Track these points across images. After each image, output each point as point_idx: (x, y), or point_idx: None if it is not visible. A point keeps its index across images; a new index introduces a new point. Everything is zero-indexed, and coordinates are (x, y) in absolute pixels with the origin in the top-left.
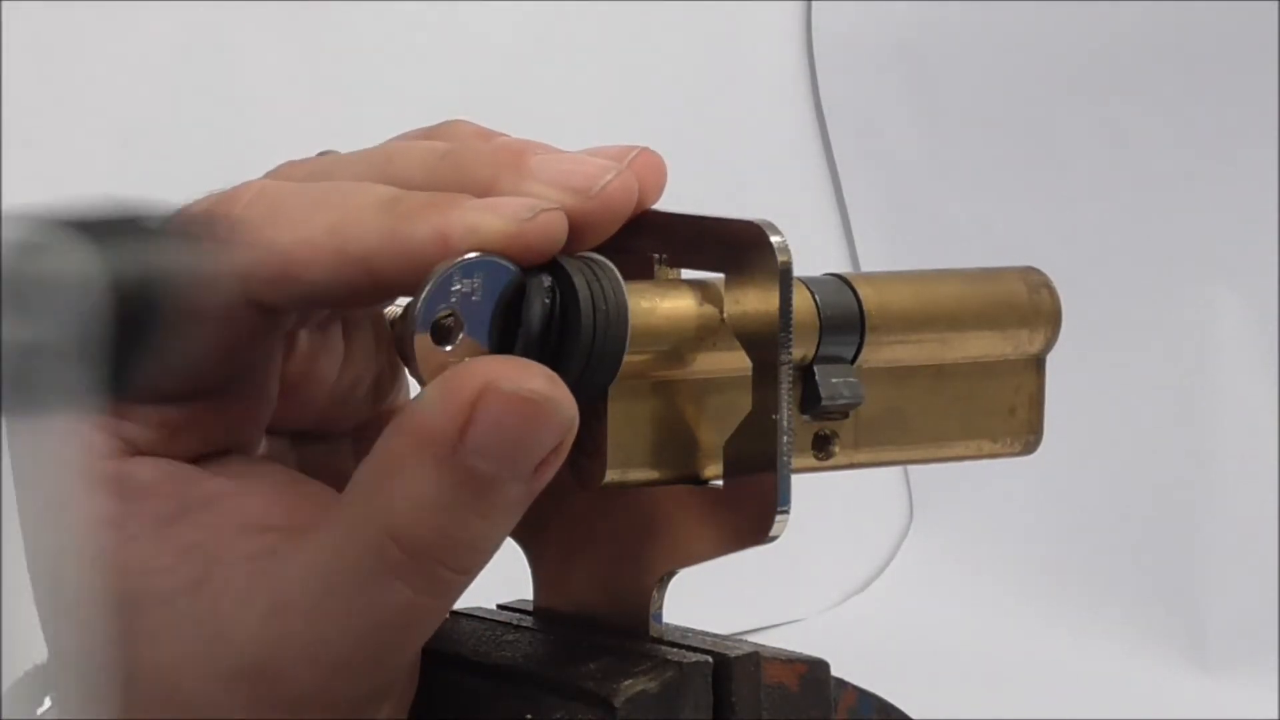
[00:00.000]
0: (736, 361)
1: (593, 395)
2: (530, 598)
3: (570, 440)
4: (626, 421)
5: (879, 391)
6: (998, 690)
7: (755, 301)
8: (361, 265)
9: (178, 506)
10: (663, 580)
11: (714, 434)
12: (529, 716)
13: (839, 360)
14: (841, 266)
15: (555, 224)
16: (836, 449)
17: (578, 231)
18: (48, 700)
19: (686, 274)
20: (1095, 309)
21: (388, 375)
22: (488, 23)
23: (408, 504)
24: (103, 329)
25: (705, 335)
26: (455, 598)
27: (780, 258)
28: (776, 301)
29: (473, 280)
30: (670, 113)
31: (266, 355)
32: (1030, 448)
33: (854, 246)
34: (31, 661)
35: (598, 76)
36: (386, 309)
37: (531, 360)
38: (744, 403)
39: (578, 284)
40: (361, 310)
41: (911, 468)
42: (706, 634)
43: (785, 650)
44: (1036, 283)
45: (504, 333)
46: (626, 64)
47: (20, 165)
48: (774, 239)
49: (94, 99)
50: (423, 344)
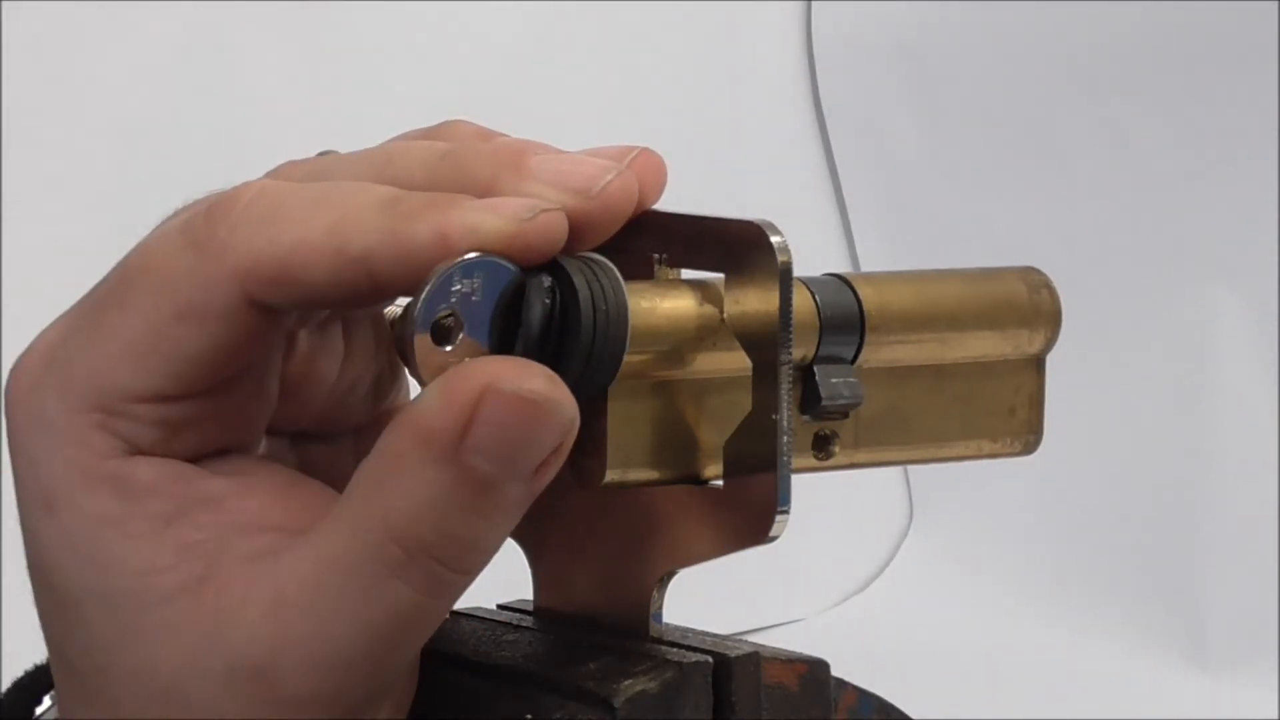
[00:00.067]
0: (736, 361)
1: (593, 395)
2: (530, 598)
3: (571, 441)
4: (626, 421)
5: (879, 391)
6: (998, 690)
7: (755, 301)
8: (361, 265)
9: (178, 506)
10: (663, 580)
11: (714, 434)
12: (529, 716)
13: (839, 360)
14: (841, 266)
15: (555, 224)
16: (836, 449)
17: (578, 232)
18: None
19: (686, 274)
20: (1095, 309)
21: (388, 375)
22: (488, 23)
23: (408, 504)
24: None
25: (705, 335)
26: (455, 598)
27: (780, 258)
28: (776, 301)
29: (473, 280)
30: (670, 113)
31: (266, 355)
32: (1030, 448)
33: (854, 246)
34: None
35: (598, 76)
36: (386, 309)
37: (532, 360)
38: (744, 403)
39: (578, 284)
40: (361, 310)
41: (911, 468)
42: (706, 634)
43: (785, 650)
44: (1036, 283)
45: (504, 333)
46: (626, 64)
47: (20, 165)
48: (774, 239)
49: (94, 99)
50: (423, 344)
